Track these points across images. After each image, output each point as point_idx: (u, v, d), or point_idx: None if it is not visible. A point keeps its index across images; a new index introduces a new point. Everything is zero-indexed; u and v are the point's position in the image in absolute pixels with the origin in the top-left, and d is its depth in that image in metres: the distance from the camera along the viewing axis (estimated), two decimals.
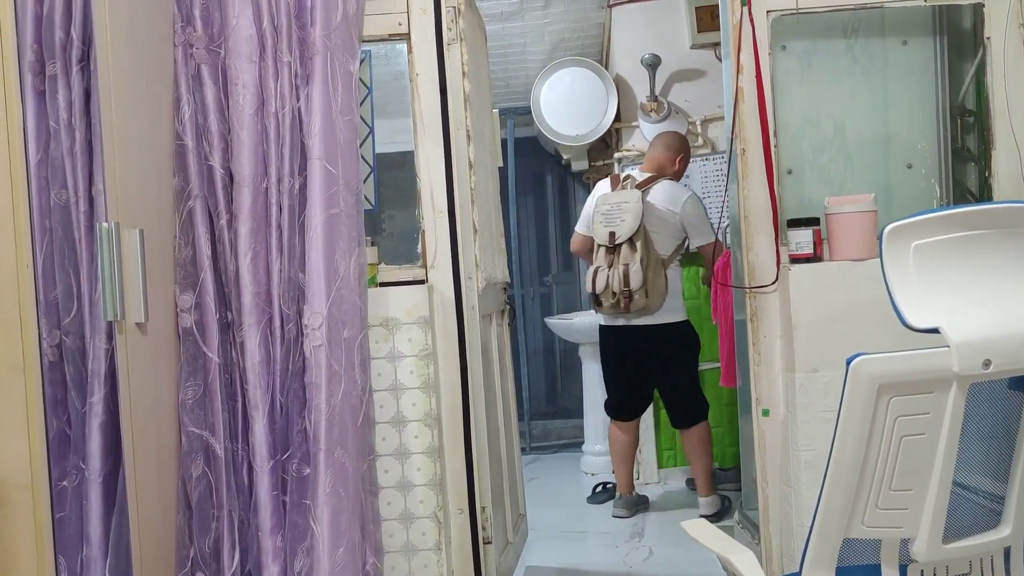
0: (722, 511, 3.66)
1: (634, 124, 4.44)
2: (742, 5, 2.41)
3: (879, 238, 1.31)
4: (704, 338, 3.79)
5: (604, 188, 3.71)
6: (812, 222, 2.41)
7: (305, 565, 2.14)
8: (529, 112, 4.66)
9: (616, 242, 3.48)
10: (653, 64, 4.27)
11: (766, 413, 2.45)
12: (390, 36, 2.49)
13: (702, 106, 4.35)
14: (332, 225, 2.21)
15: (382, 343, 2.41)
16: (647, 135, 4.31)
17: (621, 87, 4.46)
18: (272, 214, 2.23)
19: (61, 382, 2.08)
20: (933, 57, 2.62)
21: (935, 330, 1.27)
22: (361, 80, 2.48)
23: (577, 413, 5.05)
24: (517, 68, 4.90)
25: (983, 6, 2.43)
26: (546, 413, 5.80)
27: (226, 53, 2.21)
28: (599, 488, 4.15)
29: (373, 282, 2.44)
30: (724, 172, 4.02)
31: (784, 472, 2.42)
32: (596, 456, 4.66)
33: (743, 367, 2.68)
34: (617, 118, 4.46)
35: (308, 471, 2.17)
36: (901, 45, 2.62)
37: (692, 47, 4.29)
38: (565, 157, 4.85)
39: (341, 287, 2.20)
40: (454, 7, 2.51)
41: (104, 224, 1.72)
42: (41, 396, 1.68)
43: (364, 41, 2.40)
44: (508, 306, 3.15)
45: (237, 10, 2.20)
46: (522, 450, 3.68)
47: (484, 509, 2.51)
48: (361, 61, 2.41)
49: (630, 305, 3.46)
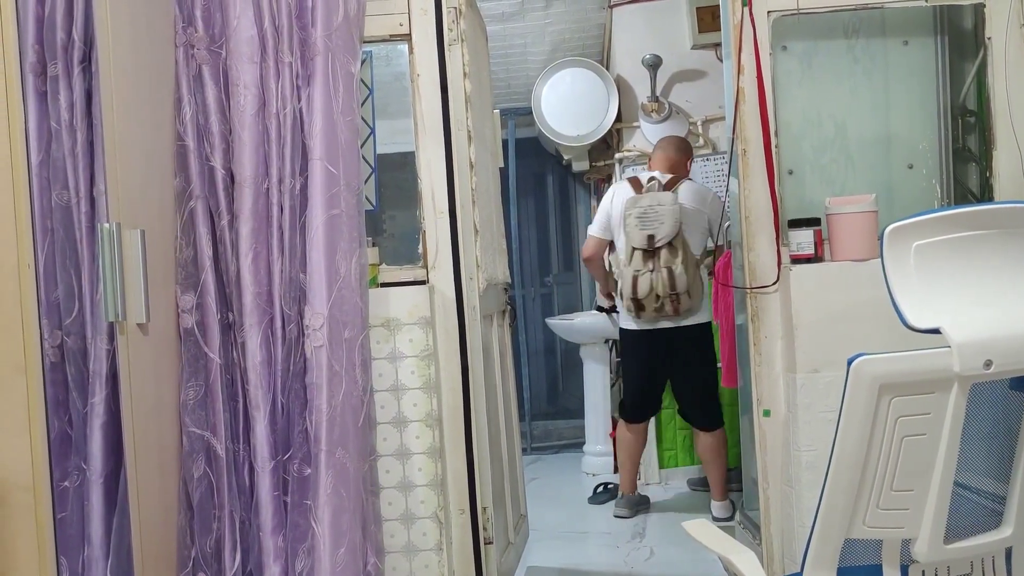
0: (730, 516, 3.65)
1: (635, 124, 4.44)
2: (743, 6, 2.41)
3: (880, 238, 1.31)
4: None
5: (624, 191, 3.63)
6: (813, 222, 2.42)
7: (306, 565, 2.14)
8: (530, 113, 4.66)
9: (656, 245, 3.44)
10: (654, 64, 4.27)
11: (767, 413, 2.45)
12: (391, 37, 2.49)
13: (703, 106, 4.35)
14: (333, 226, 2.21)
15: (383, 343, 2.41)
16: (648, 135, 4.32)
17: (622, 87, 4.46)
18: (273, 214, 2.23)
19: (62, 383, 2.08)
20: (934, 57, 2.62)
21: (936, 330, 1.27)
22: (362, 81, 2.48)
23: (578, 414, 5.05)
24: (518, 69, 4.90)
25: (984, 6, 2.43)
26: (547, 413, 5.80)
27: (227, 54, 2.21)
28: (600, 488, 4.15)
29: (374, 283, 2.44)
30: (725, 172, 4.01)
31: (785, 472, 2.42)
32: (597, 456, 4.66)
33: (744, 367, 2.68)
34: (618, 118, 4.47)
35: (309, 471, 2.17)
36: (902, 45, 2.62)
37: (693, 47, 4.30)
38: (566, 158, 4.85)
39: (342, 288, 2.20)
40: (455, 8, 2.51)
41: (105, 225, 1.72)
42: (42, 396, 1.68)
43: (365, 42, 2.40)
44: (509, 306, 3.15)
45: (238, 11, 2.20)
46: (523, 450, 3.68)
47: (485, 509, 2.51)
48: (362, 62, 2.41)
49: (679, 307, 3.45)
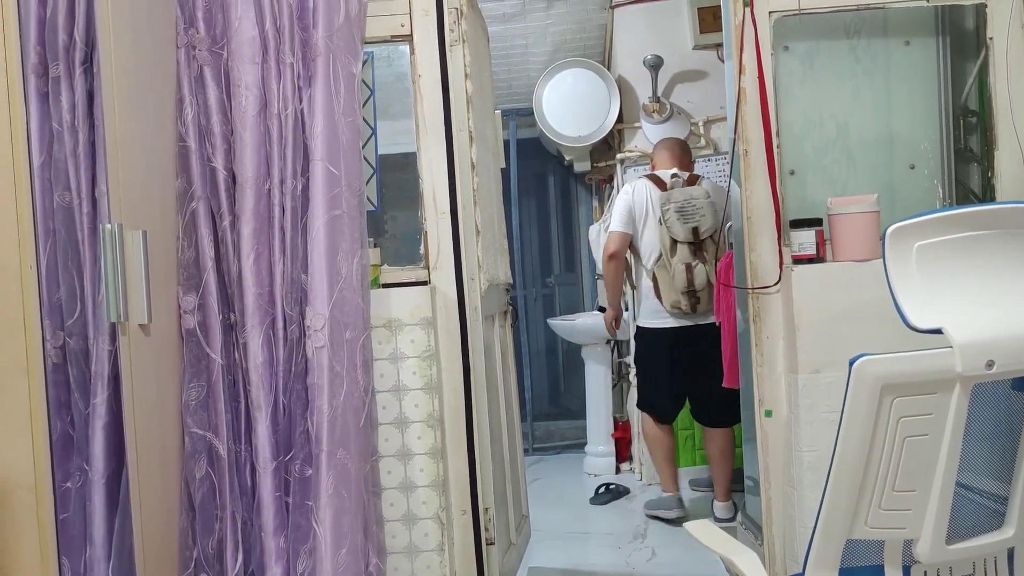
0: (733, 517, 3.65)
1: (636, 125, 4.44)
2: (744, 6, 2.41)
3: (882, 239, 1.31)
4: None
5: (645, 188, 3.64)
6: (815, 223, 2.42)
7: (308, 566, 2.14)
8: (531, 113, 4.66)
9: (702, 237, 3.48)
10: (655, 65, 4.27)
11: (769, 414, 2.45)
12: (392, 37, 2.49)
13: (704, 107, 4.35)
14: (334, 226, 2.21)
15: (385, 344, 2.41)
16: (649, 136, 4.32)
17: (623, 88, 4.46)
18: (275, 215, 2.22)
19: (65, 384, 2.08)
20: (936, 57, 2.62)
21: (938, 331, 1.27)
22: (363, 81, 2.48)
23: (580, 414, 5.05)
24: (519, 69, 4.90)
25: (985, 6, 2.43)
26: (549, 414, 5.80)
27: (228, 55, 2.21)
28: (602, 489, 4.15)
29: (376, 283, 2.44)
30: (727, 173, 4.01)
31: (787, 473, 2.42)
32: (599, 457, 4.66)
33: (746, 368, 2.68)
34: (619, 119, 4.47)
35: (310, 472, 2.17)
36: (904, 46, 2.62)
37: (694, 48, 4.30)
38: (567, 158, 4.85)
39: (343, 288, 2.20)
40: (456, 8, 2.51)
41: (107, 226, 1.72)
42: (44, 397, 1.68)
43: (366, 43, 2.40)
44: (511, 307, 3.15)
45: (239, 12, 2.20)
46: (525, 451, 3.68)
47: (487, 510, 2.51)
48: (363, 62, 2.41)
49: (704, 303, 3.49)
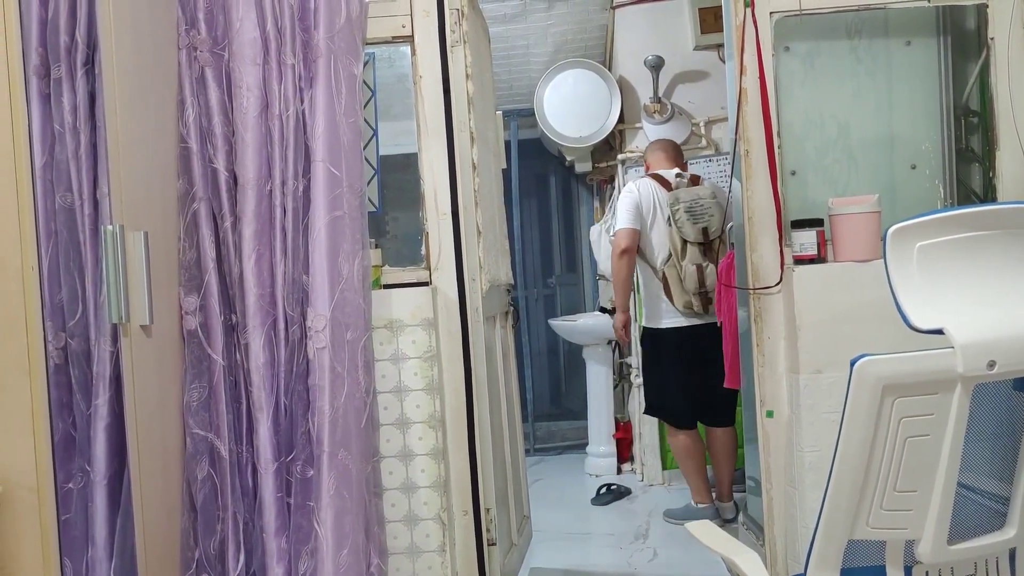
0: (735, 517, 3.64)
1: (638, 125, 4.44)
2: (745, 6, 2.41)
3: (883, 239, 1.31)
4: None
5: (651, 187, 3.63)
6: (816, 223, 2.42)
7: (309, 567, 2.14)
8: (533, 114, 4.67)
9: (711, 238, 3.49)
10: (656, 66, 4.27)
11: (770, 414, 2.45)
12: (393, 38, 2.49)
13: (705, 107, 4.35)
14: (336, 227, 2.21)
15: (386, 345, 2.41)
16: (651, 136, 4.32)
17: (624, 89, 4.46)
18: (276, 216, 2.22)
19: (66, 384, 2.08)
20: (937, 58, 2.62)
21: (939, 331, 1.27)
22: (365, 82, 2.48)
23: (581, 415, 5.05)
24: (520, 70, 4.90)
25: (987, 7, 2.43)
26: (550, 415, 5.81)
27: (230, 56, 2.21)
28: (603, 489, 4.15)
29: (377, 284, 2.44)
30: (728, 173, 4.01)
31: (788, 473, 2.42)
32: (600, 458, 4.66)
33: (747, 368, 2.68)
34: (621, 119, 4.47)
35: (312, 473, 2.17)
36: (905, 46, 2.62)
37: (695, 48, 4.30)
38: (569, 159, 4.85)
39: (345, 289, 2.20)
40: (457, 9, 2.51)
41: (109, 227, 1.72)
42: (46, 398, 1.68)
43: (368, 44, 2.40)
44: (512, 308, 3.15)
45: (241, 13, 2.20)
46: (526, 452, 3.68)
47: (488, 511, 2.51)
48: (365, 63, 2.41)
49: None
